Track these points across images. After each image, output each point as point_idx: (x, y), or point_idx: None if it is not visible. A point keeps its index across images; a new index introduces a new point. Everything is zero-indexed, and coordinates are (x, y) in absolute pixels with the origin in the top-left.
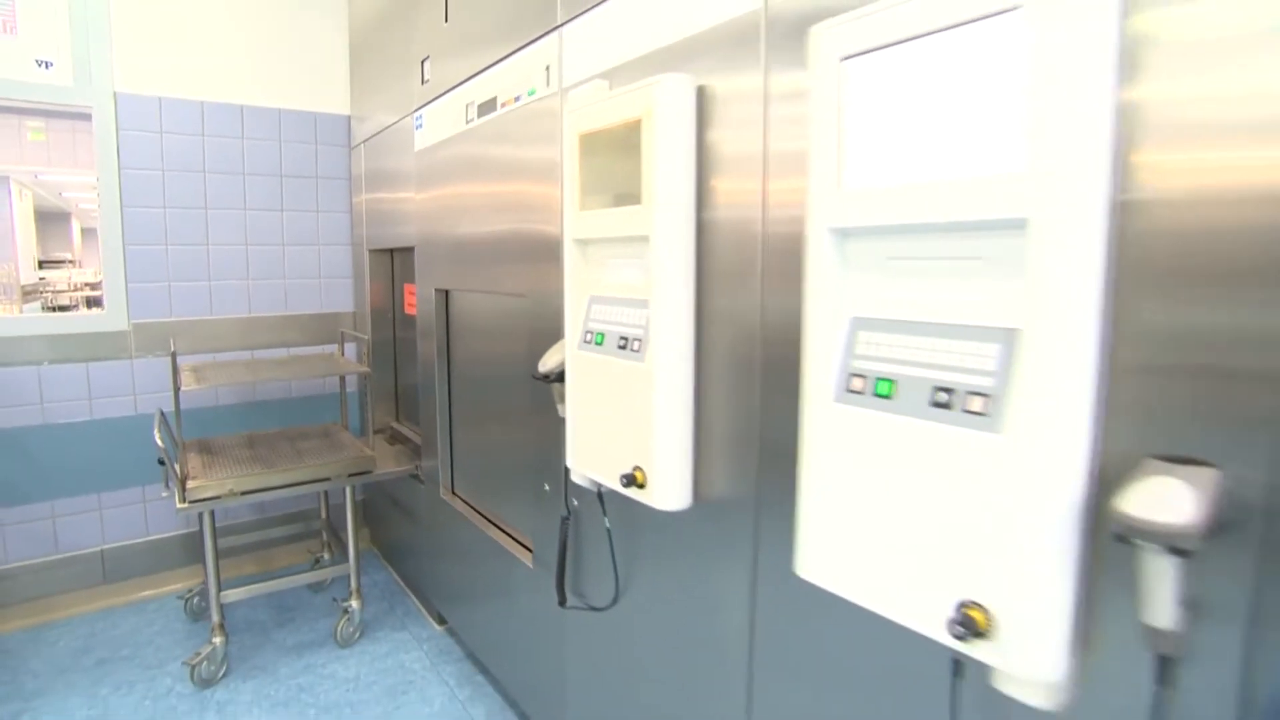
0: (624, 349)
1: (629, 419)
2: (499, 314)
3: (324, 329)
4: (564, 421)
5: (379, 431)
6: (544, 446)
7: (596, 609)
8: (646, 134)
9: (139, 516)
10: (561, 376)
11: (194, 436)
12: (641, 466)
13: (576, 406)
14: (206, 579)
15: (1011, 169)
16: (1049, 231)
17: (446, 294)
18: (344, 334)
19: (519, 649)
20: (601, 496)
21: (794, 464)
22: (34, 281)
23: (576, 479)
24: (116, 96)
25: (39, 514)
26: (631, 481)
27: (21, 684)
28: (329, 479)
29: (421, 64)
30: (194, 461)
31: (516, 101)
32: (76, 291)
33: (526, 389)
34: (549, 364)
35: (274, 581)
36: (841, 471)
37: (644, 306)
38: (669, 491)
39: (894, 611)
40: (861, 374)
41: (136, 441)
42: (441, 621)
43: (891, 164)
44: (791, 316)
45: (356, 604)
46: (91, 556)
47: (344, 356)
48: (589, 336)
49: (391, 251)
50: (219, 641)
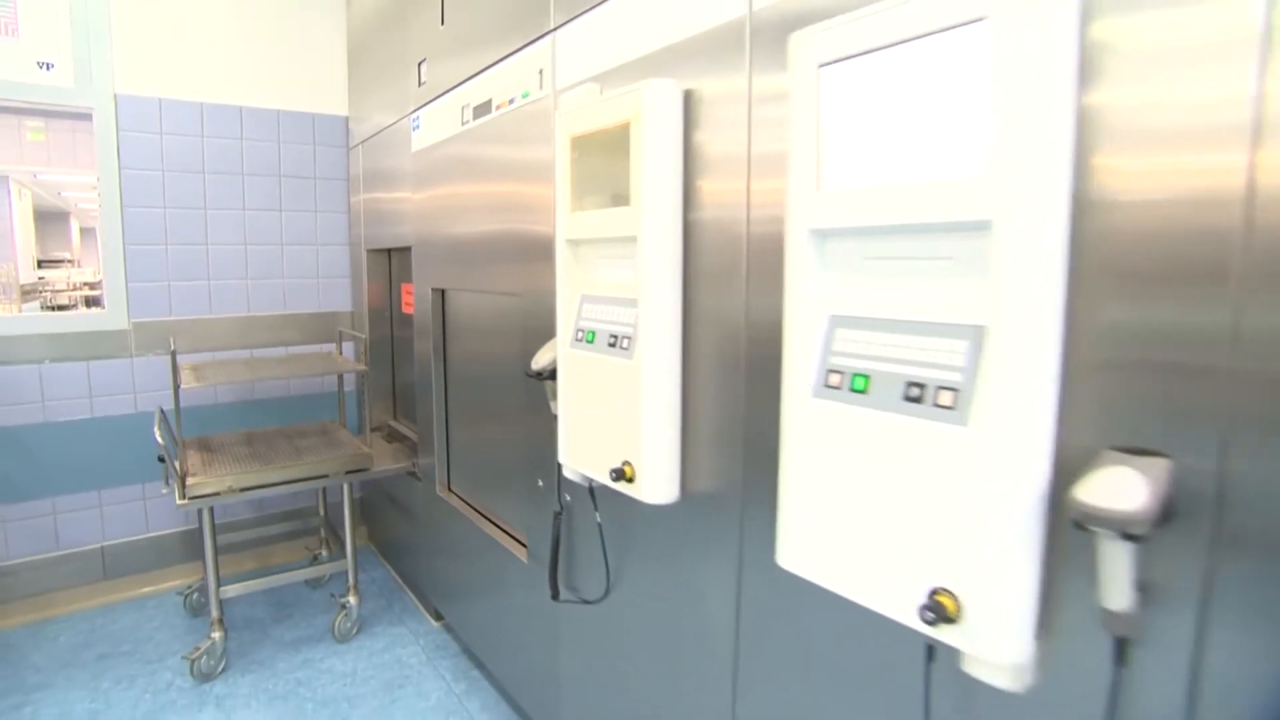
0: (614, 347)
1: (618, 415)
2: (494, 313)
3: (322, 328)
4: (556, 418)
5: (376, 429)
6: (537, 443)
7: (588, 602)
8: (635, 137)
9: (139, 513)
10: (554, 374)
11: (193, 434)
12: (630, 461)
13: (568, 403)
14: (206, 575)
15: (976, 173)
16: (1011, 233)
17: (443, 293)
18: (342, 333)
19: (513, 643)
20: (593, 491)
21: (777, 458)
22: (33, 281)
23: (568, 474)
24: (117, 98)
25: (40, 511)
26: (621, 476)
27: (23, 678)
28: (327, 476)
29: (418, 66)
30: (194, 459)
31: (511, 104)
32: (75, 291)
33: (521, 387)
34: (542, 362)
35: (272, 578)
36: (820, 464)
37: (633, 305)
38: (657, 485)
39: (869, 599)
40: (839, 370)
41: (136, 439)
42: (438, 617)
43: (867, 167)
44: (774, 315)
45: (354, 600)
46: (92, 553)
47: (342, 355)
48: (580, 335)
49: (389, 251)
50: (218, 636)
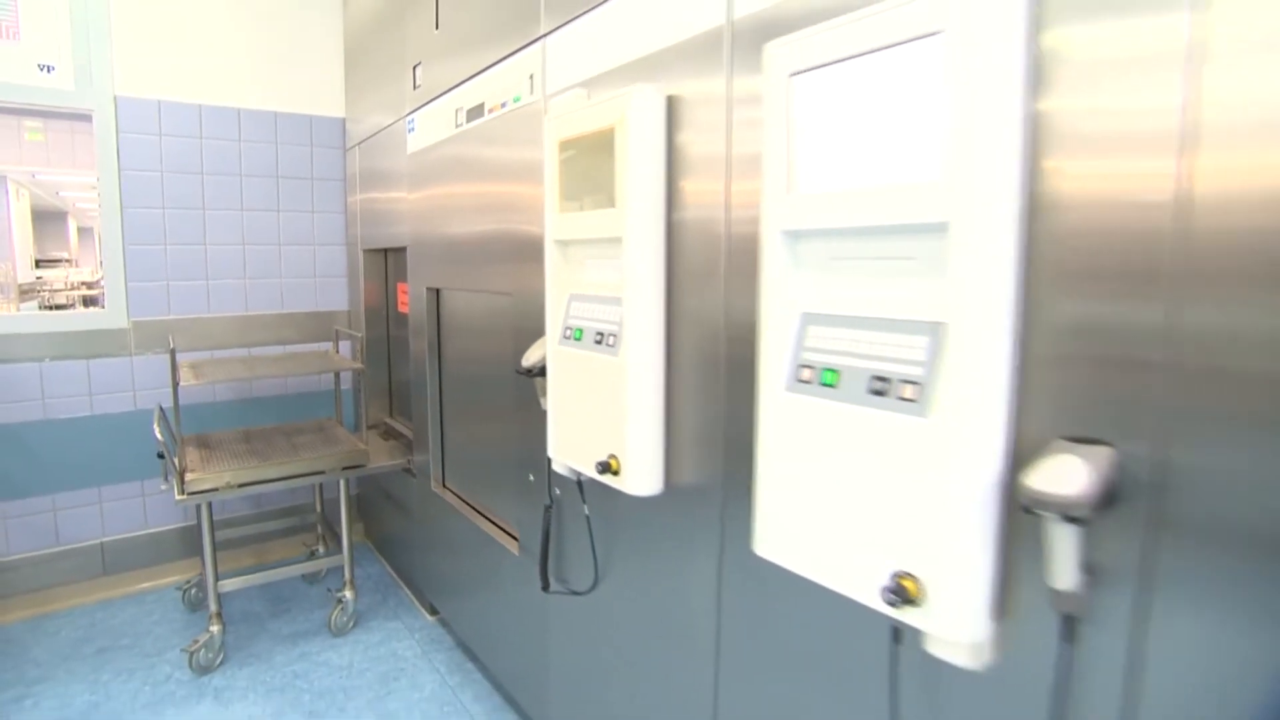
0: (600, 344)
1: (605, 410)
2: (487, 312)
3: (319, 327)
4: (547, 414)
5: (373, 427)
6: (529, 439)
7: (577, 593)
8: (619, 142)
9: (138, 510)
10: (544, 371)
11: (192, 432)
12: (616, 454)
13: (557, 399)
14: (204, 570)
15: (934, 177)
16: (965, 234)
17: (438, 293)
18: (338, 332)
19: (506, 636)
20: (581, 485)
21: (754, 450)
22: (31, 281)
23: (558, 468)
24: (117, 100)
25: (40, 507)
26: (606, 469)
27: (24, 671)
28: (323, 472)
29: (413, 69)
30: (192, 455)
31: (503, 107)
32: (73, 291)
33: (513, 384)
34: (532, 359)
35: (270, 573)
36: (792, 455)
37: (619, 304)
38: (641, 478)
39: (837, 583)
40: (810, 365)
41: (136, 437)
42: (433, 612)
43: (836, 171)
44: (752, 313)
45: (350, 594)
46: (92, 549)
47: (338, 354)
48: (568, 332)
49: (385, 251)
50: (216, 630)
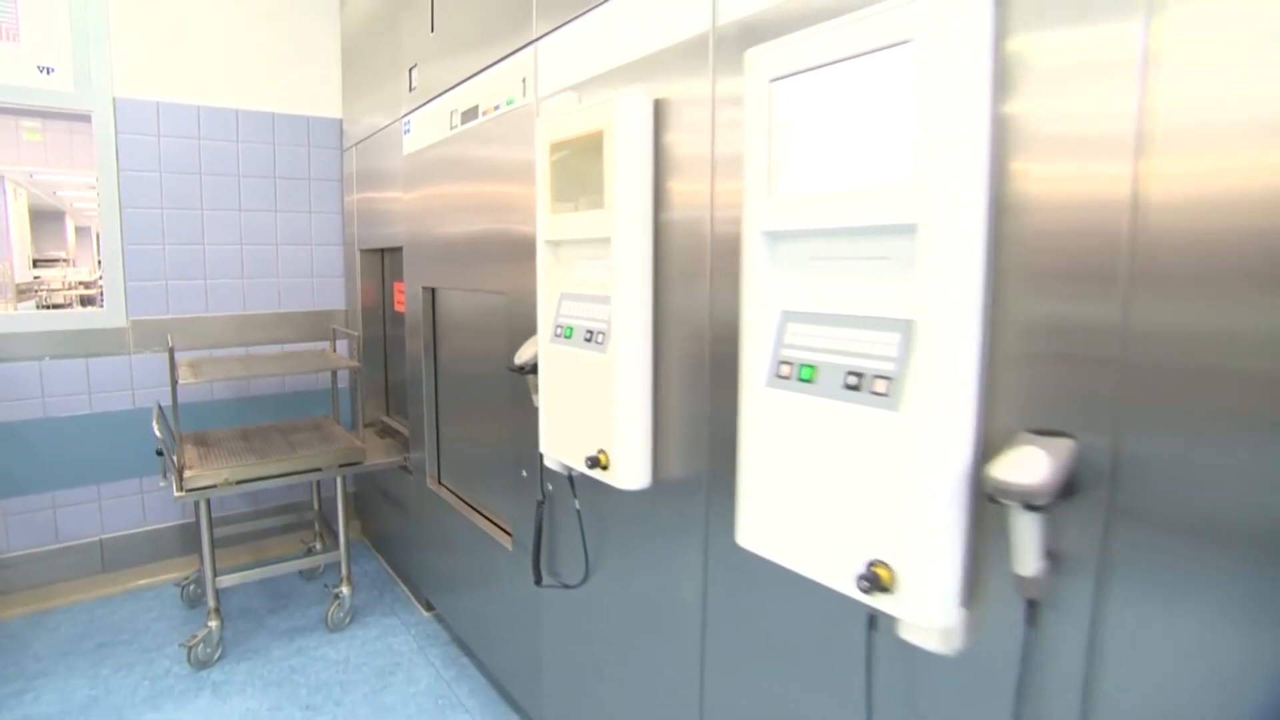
0: (590, 341)
1: (594, 406)
2: (482, 311)
3: (316, 326)
4: (539, 411)
5: (370, 425)
6: (522, 436)
7: (569, 586)
8: (608, 145)
9: (137, 507)
10: (536, 369)
11: (190, 429)
12: (605, 449)
13: (548, 396)
14: (203, 566)
15: (904, 179)
16: (934, 234)
17: (433, 292)
18: (335, 331)
19: (500, 630)
20: (572, 480)
21: (738, 444)
22: (28, 280)
23: (550, 464)
24: (116, 101)
25: (40, 505)
26: (596, 463)
27: (24, 666)
28: (320, 469)
29: (409, 71)
30: (191, 453)
31: (496, 109)
32: (71, 290)
33: (506, 382)
34: (524, 356)
35: (267, 569)
36: (773, 448)
37: (608, 303)
38: (630, 472)
39: (815, 572)
40: (789, 361)
41: (135, 435)
42: (429, 608)
43: (814, 174)
44: (736, 313)
45: (347, 590)
46: (91, 546)
47: (335, 352)
48: (559, 330)
49: (382, 251)
50: (214, 625)
